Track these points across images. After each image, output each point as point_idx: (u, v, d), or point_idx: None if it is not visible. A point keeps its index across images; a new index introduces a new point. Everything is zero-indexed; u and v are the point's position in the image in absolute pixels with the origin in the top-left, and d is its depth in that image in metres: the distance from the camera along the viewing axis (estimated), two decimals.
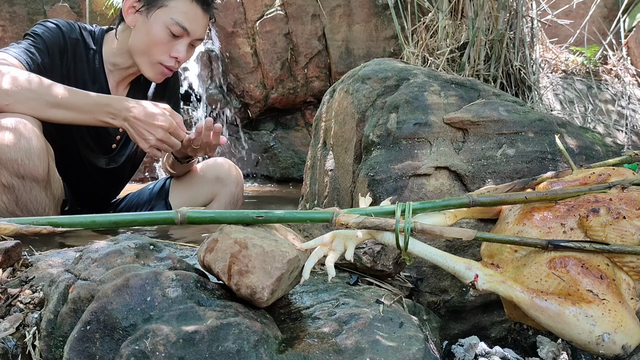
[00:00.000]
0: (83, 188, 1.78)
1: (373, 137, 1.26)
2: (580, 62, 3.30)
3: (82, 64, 1.62)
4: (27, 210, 1.38)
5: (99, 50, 1.66)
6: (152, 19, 1.57)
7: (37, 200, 1.39)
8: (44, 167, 1.36)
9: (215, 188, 1.81)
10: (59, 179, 1.52)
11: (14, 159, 1.30)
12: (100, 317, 0.68)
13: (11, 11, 3.06)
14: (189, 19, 1.58)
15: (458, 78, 1.40)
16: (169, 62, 1.61)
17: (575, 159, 1.22)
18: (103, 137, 1.71)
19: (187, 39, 1.61)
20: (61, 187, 1.55)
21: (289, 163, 3.53)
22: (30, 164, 1.33)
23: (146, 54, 1.60)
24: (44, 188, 1.40)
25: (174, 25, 1.56)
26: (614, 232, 0.81)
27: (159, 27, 1.56)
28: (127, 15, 1.60)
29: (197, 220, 0.83)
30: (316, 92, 3.43)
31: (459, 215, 0.92)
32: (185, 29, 1.58)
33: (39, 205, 1.40)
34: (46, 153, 1.38)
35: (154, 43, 1.58)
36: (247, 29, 3.30)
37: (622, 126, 3.02)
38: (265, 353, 0.67)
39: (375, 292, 0.88)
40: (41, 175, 1.36)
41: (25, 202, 1.38)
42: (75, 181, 1.75)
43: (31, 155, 1.33)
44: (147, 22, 1.57)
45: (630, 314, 0.77)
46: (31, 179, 1.35)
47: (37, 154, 1.34)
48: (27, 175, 1.34)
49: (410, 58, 2.71)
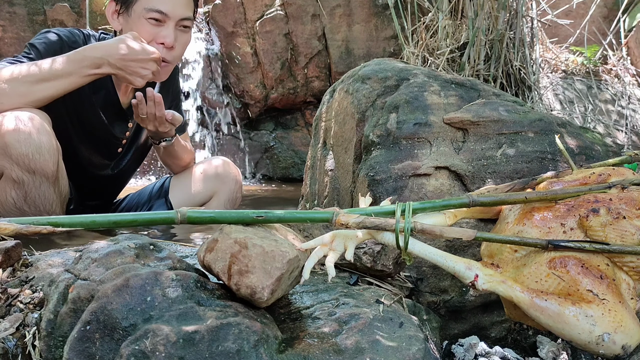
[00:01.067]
0: (87, 187, 1.79)
1: (373, 137, 1.26)
2: (580, 62, 3.30)
3: None
4: (34, 207, 1.39)
5: None
6: (132, 17, 1.56)
7: (46, 196, 1.40)
8: (54, 162, 1.37)
9: (215, 186, 1.81)
10: (66, 176, 1.52)
11: (24, 153, 1.31)
12: (100, 317, 0.68)
13: (11, 11, 3.06)
14: (162, 2, 1.54)
15: (458, 78, 1.40)
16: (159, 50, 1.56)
17: (575, 159, 1.22)
18: (110, 142, 1.72)
19: (170, 22, 1.56)
20: (68, 185, 1.56)
21: (289, 163, 3.53)
22: (40, 158, 1.34)
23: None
24: (53, 184, 1.41)
25: (150, 12, 1.53)
26: (614, 232, 0.81)
27: (139, 21, 1.55)
28: (112, 20, 1.60)
29: (197, 220, 0.83)
30: (316, 92, 3.43)
31: (459, 215, 0.92)
32: (162, 12, 1.54)
33: (47, 202, 1.41)
34: (56, 149, 1.39)
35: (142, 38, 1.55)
36: (247, 29, 3.30)
37: (622, 126, 3.02)
38: (265, 353, 0.67)
39: (375, 292, 0.88)
40: (51, 171, 1.37)
41: (34, 198, 1.39)
42: (79, 181, 1.75)
43: (42, 150, 1.34)
44: (129, 21, 1.56)
45: (630, 314, 0.77)
46: (41, 174, 1.36)
47: (47, 148, 1.35)
48: (37, 170, 1.35)
49: (410, 58, 2.71)
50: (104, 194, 1.89)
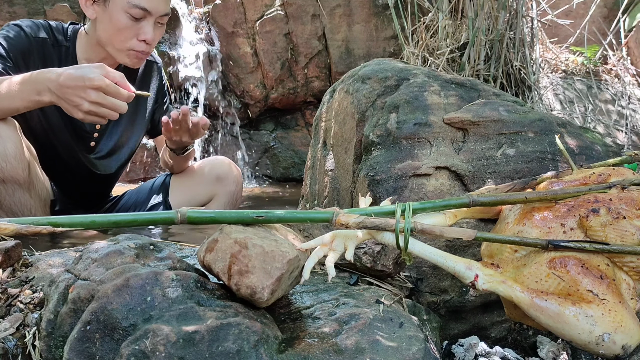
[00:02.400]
0: (71, 187, 1.76)
1: (373, 137, 1.26)
2: (580, 62, 3.30)
3: (53, 64, 1.56)
4: (12, 213, 1.36)
5: (72, 47, 1.61)
6: (110, 7, 1.51)
7: (22, 202, 1.37)
8: (23, 168, 1.34)
9: (215, 186, 1.80)
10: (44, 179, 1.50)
11: None
12: (100, 317, 0.68)
13: (11, 11, 3.06)
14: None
15: (458, 78, 1.40)
16: (139, 46, 1.55)
17: (575, 159, 1.22)
18: (80, 135, 1.67)
19: (151, 19, 1.54)
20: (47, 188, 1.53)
21: (289, 163, 3.53)
22: (7, 166, 1.30)
23: (114, 43, 1.55)
24: (27, 189, 1.38)
25: (132, 8, 1.50)
26: (614, 232, 0.81)
27: (119, 14, 1.51)
28: (86, 8, 1.55)
29: (197, 220, 0.83)
30: (316, 92, 3.43)
31: (459, 215, 0.92)
32: (145, 9, 1.51)
33: (24, 207, 1.38)
34: (25, 154, 1.35)
35: (119, 30, 1.52)
36: (247, 29, 3.30)
37: (622, 126, 3.02)
38: (265, 353, 0.67)
39: (375, 292, 0.88)
40: (22, 177, 1.34)
41: (10, 205, 1.36)
42: (63, 180, 1.73)
43: (7, 157, 1.30)
44: (106, 11, 1.52)
45: (630, 314, 0.77)
46: (12, 181, 1.33)
47: (14, 155, 1.31)
48: (7, 178, 1.31)
49: (410, 58, 2.71)
50: (92, 192, 1.84)
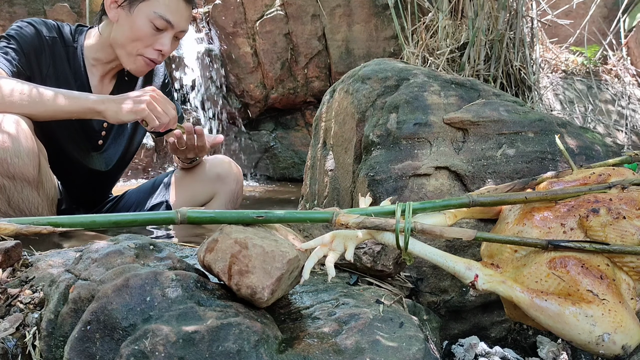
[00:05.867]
0: (76, 186, 1.77)
1: (373, 137, 1.26)
2: (580, 62, 3.30)
3: (62, 63, 1.60)
4: (19, 211, 1.37)
5: (80, 47, 1.64)
6: (135, 13, 1.55)
7: (30, 200, 1.38)
8: (34, 166, 1.34)
9: (216, 186, 1.80)
10: (52, 178, 1.50)
11: (2, 158, 1.29)
12: (101, 317, 0.68)
13: (11, 11, 3.06)
14: (172, 12, 1.57)
15: (458, 78, 1.40)
16: (152, 54, 1.60)
17: (575, 159, 1.22)
18: (88, 133, 1.69)
19: (171, 32, 1.59)
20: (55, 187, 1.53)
21: (289, 163, 3.53)
22: (19, 162, 1.31)
23: (128, 47, 1.58)
24: (36, 188, 1.38)
25: (157, 19, 1.55)
26: (614, 232, 0.81)
27: (143, 21, 1.55)
28: (110, 10, 1.59)
29: (197, 220, 0.83)
30: (316, 92, 3.43)
31: (459, 215, 0.92)
32: (170, 22, 1.57)
33: (32, 205, 1.38)
34: (36, 152, 1.36)
35: (138, 37, 1.56)
36: (247, 29, 3.30)
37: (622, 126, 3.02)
38: (265, 353, 0.67)
39: (375, 292, 0.88)
40: (32, 175, 1.34)
41: (18, 203, 1.36)
42: (68, 179, 1.73)
43: (20, 154, 1.31)
44: (130, 17, 1.56)
45: (630, 314, 0.77)
46: (22, 178, 1.33)
47: (27, 152, 1.32)
48: (17, 174, 1.32)
49: (410, 58, 2.71)
50: (96, 191, 1.86)
